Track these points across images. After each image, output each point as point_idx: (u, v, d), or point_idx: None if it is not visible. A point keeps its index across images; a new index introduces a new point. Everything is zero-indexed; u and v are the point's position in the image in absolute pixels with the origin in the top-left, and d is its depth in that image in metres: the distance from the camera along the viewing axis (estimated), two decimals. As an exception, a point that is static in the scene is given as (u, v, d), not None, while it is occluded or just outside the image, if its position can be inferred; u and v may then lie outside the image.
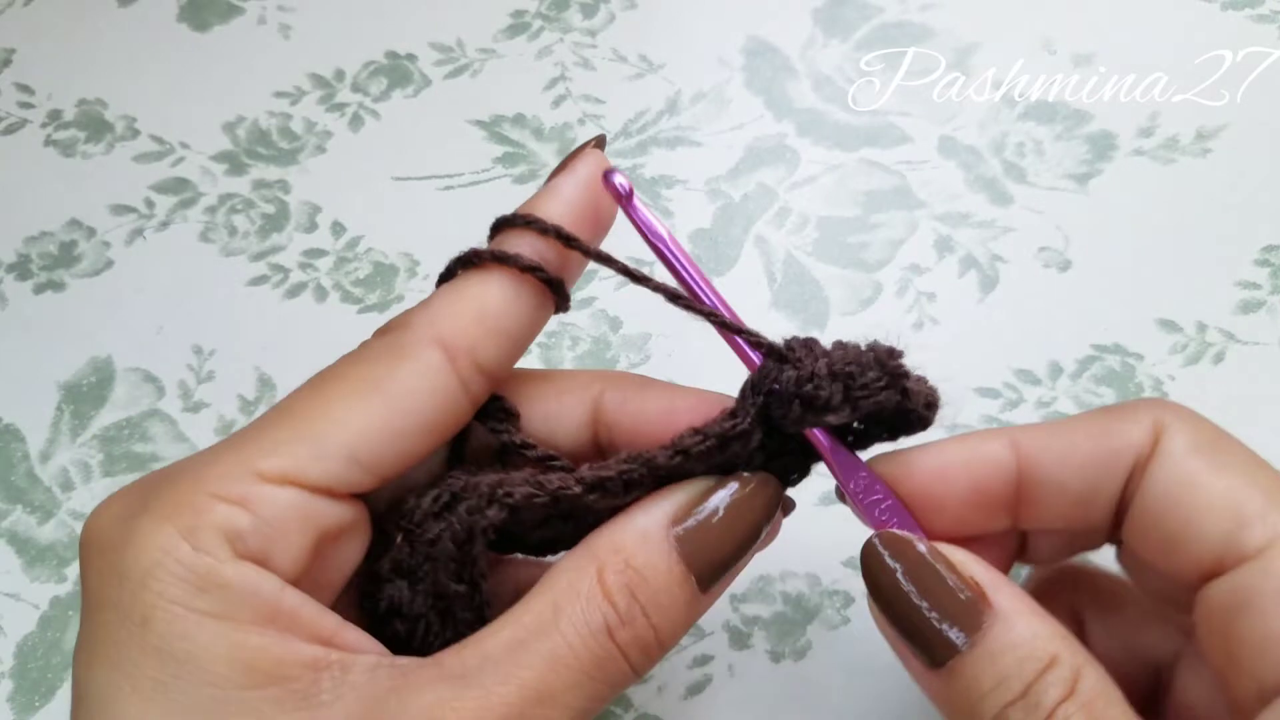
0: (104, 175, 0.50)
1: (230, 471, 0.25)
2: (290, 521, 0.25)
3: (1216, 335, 0.43)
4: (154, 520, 0.24)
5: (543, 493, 0.26)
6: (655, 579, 0.26)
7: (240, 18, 0.55)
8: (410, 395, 0.26)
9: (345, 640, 0.25)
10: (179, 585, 0.23)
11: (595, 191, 0.29)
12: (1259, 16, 0.51)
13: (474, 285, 0.28)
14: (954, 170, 0.48)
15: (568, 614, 0.25)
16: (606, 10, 0.54)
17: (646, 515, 0.27)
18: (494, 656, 0.24)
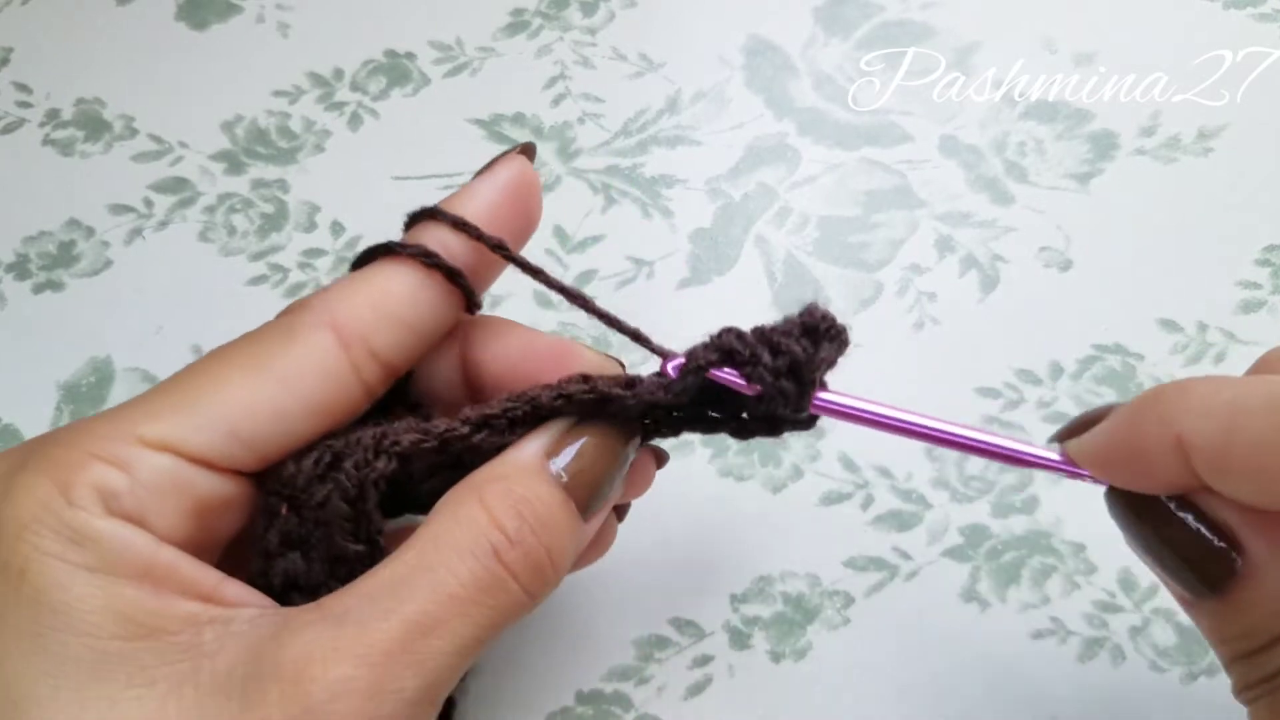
0: (102, 175, 0.50)
1: (111, 433, 0.25)
2: (165, 487, 0.25)
3: (1217, 335, 0.43)
4: (31, 475, 0.24)
5: (430, 437, 0.26)
6: (539, 502, 0.26)
7: (239, 16, 0.55)
8: (297, 376, 0.26)
9: (227, 595, 0.25)
10: (54, 538, 0.24)
11: (514, 194, 0.30)
12: (1260, 16, 0.51)
13: (376, 274, 0.28)
14: (955, 170, 0.48)
15: (448, 542, 0.25)
16: (606, 9, 0.54)
17: (522, 449, 0.27)
18: (374, 594, 0.24)
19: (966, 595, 0.38)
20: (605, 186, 0.48)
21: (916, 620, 0.38)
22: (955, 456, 0.41)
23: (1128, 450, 0.27)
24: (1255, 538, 0.25)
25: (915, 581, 0.38)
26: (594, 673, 0.37)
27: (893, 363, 0.43)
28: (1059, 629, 0.37)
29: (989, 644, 0.37)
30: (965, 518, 0.39)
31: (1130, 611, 0.37)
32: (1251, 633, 0.25)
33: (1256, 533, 0.26)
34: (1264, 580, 0.25)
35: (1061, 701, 0.36)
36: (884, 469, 0.40)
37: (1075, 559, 0.38)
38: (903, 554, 0.39)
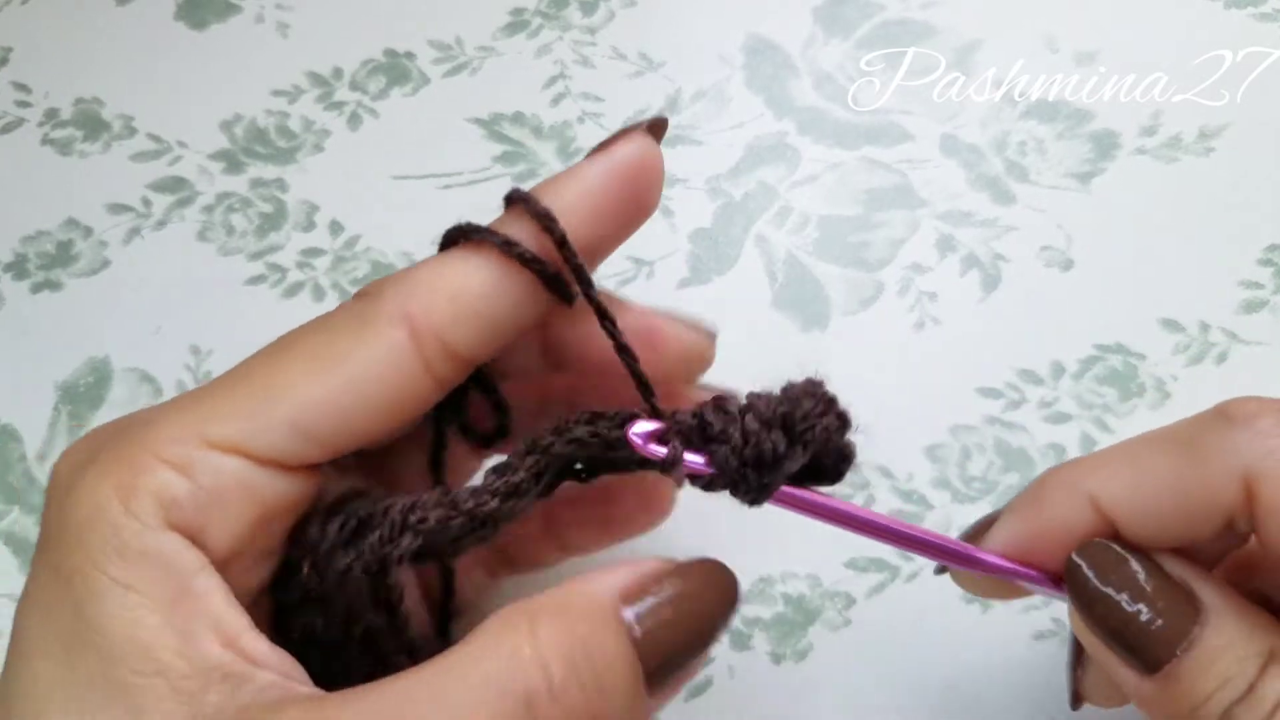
0: (101, 174, 0.50)
1: (177, 433, 0.24)
2: (231, 493, 0.24)
3: (1219, 335, 0.43)
4: (97, 473, 0.23)
5: (458, 513, 0.25)
6: (601, 654, 0.22)
7: (238, 16, 0.55)
8: (367, 372, 0.25)
9: (247, 647, 0.23)
10: (102, 547, 0.23)
11: (628, 180, 0.26)
12: (1261, 15, 0.51)
13: (456, 262, 0.26)
14: (956, 169, 0.48)
15: (482, 673, 0.21)
16: (606, 8, 0.54)
17: (597, 579, 0.23)
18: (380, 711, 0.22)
19: (968, 596, 0.38)
20: (605, 186, 0.48)
21: (918, 621, 0.37)
22: (957, 457, 0.40)
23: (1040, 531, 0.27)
24: (1206, 584, 0.25)
25: (916, 582, 0.38)
26: (594, 674, 0.37)
27: (893, 363, 0.43)
28: (1060, 630, 0.37)
29: (990, 645, 0.37)
30: (967, 518, 0.39)
31: (1132, 612, 0.37)
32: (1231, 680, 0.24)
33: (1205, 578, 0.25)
34: (1227, 625, 0.25)
35: (1063, 703, 0.36)
36: (885, 469, 0.40)
37: (1077, 559, 0.38)
38: (904, 555, 0.39)
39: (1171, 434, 0.27)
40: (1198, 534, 0.26)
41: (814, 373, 0.28)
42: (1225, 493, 0.25)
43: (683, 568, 0.24)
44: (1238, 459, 0.25)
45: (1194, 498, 0.25)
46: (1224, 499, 0.25)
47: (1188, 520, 0.26)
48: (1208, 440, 0.26)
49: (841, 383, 0.31)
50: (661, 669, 0.23)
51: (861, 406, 0.30)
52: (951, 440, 0.41)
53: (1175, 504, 0.26)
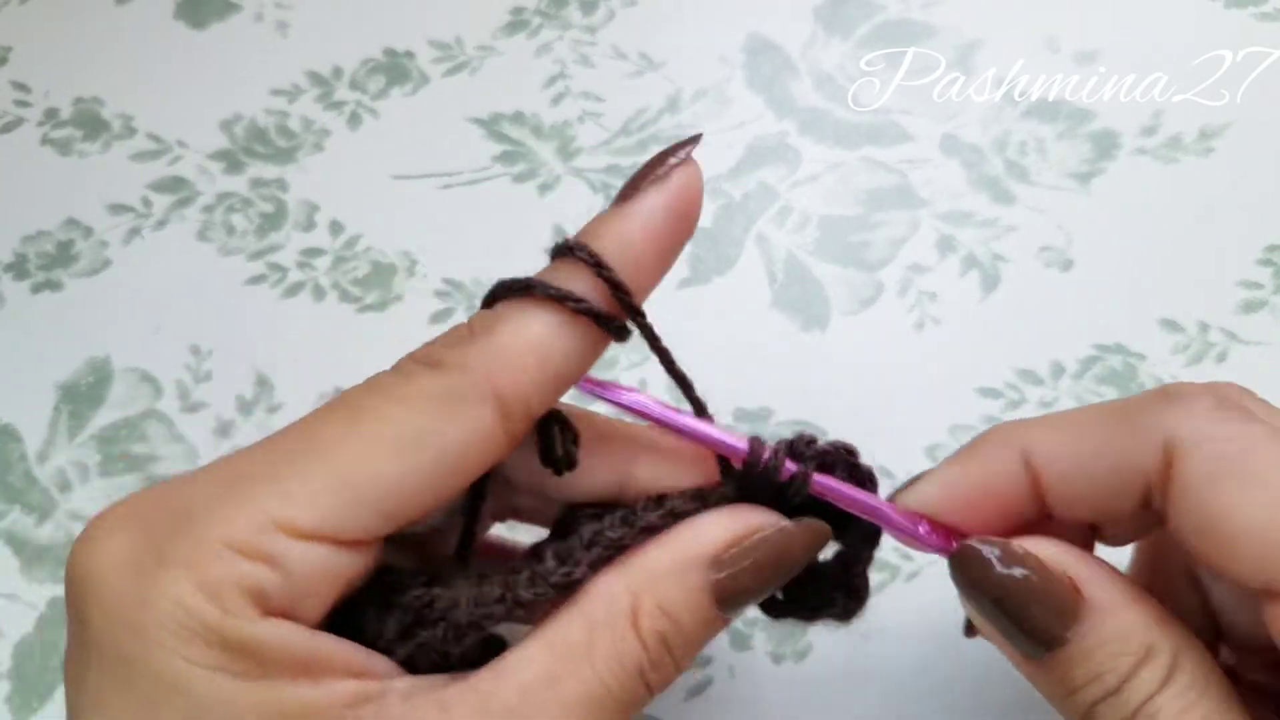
0: (101, 174, 0.50)
1: (253, 521, 0.23)
2: (316, 578, 0.23)
3: (1219, 335, 0.43)
4: (172, 575, 0.22)
5: (520, 606, 0.25)
6: (687, 623, 0.25)
7: (237, 15, 0.55)
8: (457, 453, 0.24)
9: (375, 668, 0.24)
10: (206, 649, 0.22)
11: (682, 210, 0.26)
12: (1261, 15, 0.51)
13: (534, 326, 0.25)
14: (956, 169, 0.48)
15: (602, 652, 0.24)
16: (606, 7, 0.54)
17: (686, 549, 0.26)
18: (532, 692, 0.24)
19: (967, 596, 0.38)
20: (605, 186, 0.48)
21: (918, 621, 0.37)
22: (956, 457, 0.41)
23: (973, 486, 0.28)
24: (1093, 578, 0.26)
25: (916, 582, 0.38)
26: (594, 674, 0.37)
27: (893, 363, 0.43)
28: (1060, 630, 0.37)
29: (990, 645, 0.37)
30: (966, 518, 0.39)
31: (1132, 612, 0.37)
32: (1101, 674, 0.25)
33: (1094, 572, 0.26)
34: (1107, 619, 0.25)
35: (1063, 702, 0.36)
36: (885, 469, 0.40)
37: (1076, 560, 0.38)
38: (904, 554, 0.39)
39: (1113, 405, 0.28)
40: (1117, 503, 0.27)
41: None
42: (1146, 460, 0.26)
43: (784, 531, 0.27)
44: (1163, 432, 0.25)
45: (1117, 463, 0.26)
46: (1144, 466, 0.26)
47: (1110, 487, 0.26)
48: (1143, 412, 0.26)
49: (841, 383, 0.31)
50: (736, 605, 0.26)
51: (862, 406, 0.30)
52: (951, 440, 0.41)
53: (1100, 468, 0.26)
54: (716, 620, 0.26)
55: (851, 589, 0.30)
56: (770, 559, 0.26)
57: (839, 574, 0.30)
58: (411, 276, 0.46)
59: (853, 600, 0.30)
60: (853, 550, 0.30)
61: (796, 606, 0.30)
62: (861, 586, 0.30)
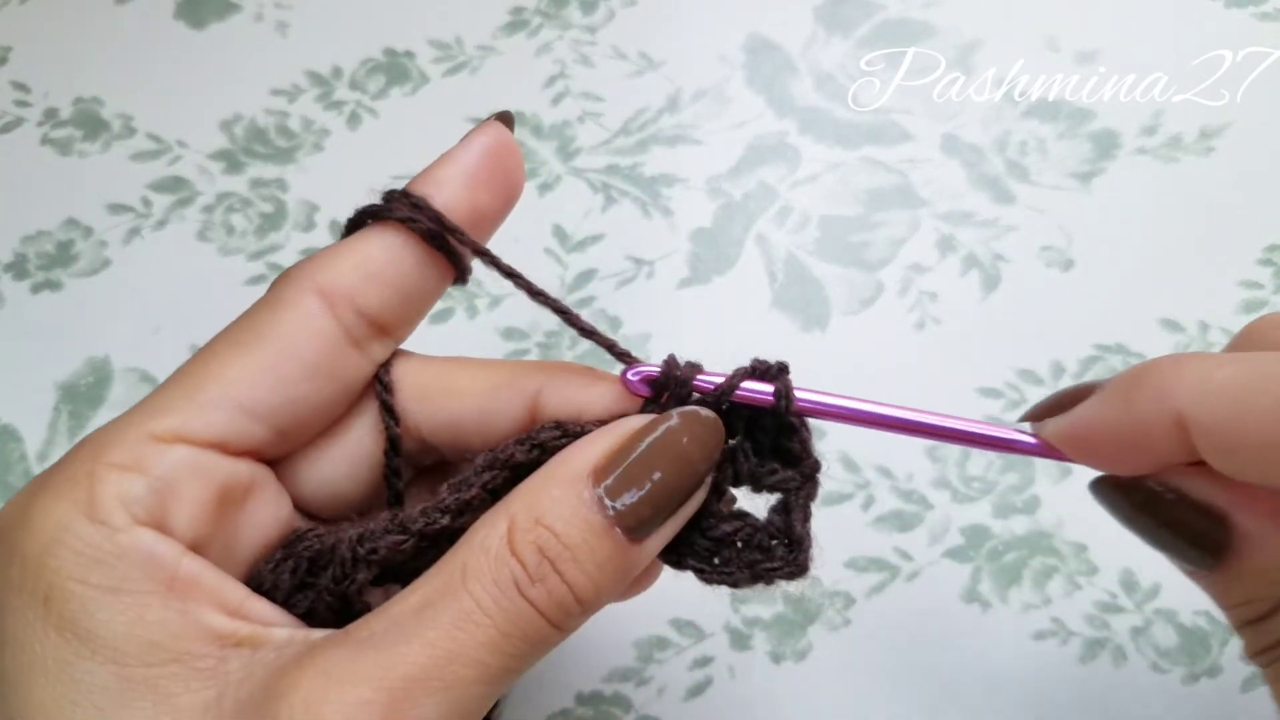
0: (101, 174, 0.50)
1: (123, 438, 0.25)
2: (184, 478, 0.25)
3: (1219, 335, 0.43)
4: (49, 497, 0.24)
5: (408, 535, 0.25)
6: (569, 534, 0.24)
7: (237, 15, 0.55)
8: (288, 340, 0.26)
9: (253, 611, 0.25)
10: (76, 560, 0.23)
11: (492, 160, 0.29)
12: (1261, 15, 0.51)
13: (356, 239, 0.28)
14: (956, 169, 0.48)
15: (474, 572, 0.24)
16: (606, 7, 0.54)
17: (564, 465, 0.25)
18: (400, 619, 0.24)
19: (968, 596, 0.38)
20: (605, 186, 0.48)
21: (917, 621, 0.37)
22: (956, 457, 0.40)
23: (1120, 431, 0.26)
24: (1245, 513, 0.26)
25: (916, 582, 0.38)
26: (594, 674, 0.37)
27: (894, 363, 0.43)
28: (1060, 630, 0.37)
29: (990, 645, 0.37)
30: (966, 518, 0.39)
31: (1132, 612, 0.37)
32: (1252, 600, 0.26)
33: (1245, 508, 0.26)
34: (1258, 552, 0.25)
35: (1063, 703, 0.36)
36: (885, 469, 0.40)
37: (1077, 559, 0.38)
38: (904, 554, 0.39)
39: None
40: None
41: None
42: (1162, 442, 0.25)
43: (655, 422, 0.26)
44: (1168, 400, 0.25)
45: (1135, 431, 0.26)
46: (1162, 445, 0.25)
47: None
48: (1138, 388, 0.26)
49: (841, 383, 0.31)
50: (640, 524, 0.25)
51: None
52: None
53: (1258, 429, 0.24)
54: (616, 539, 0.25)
55: (791, 536, 0.27)
56: (656, 456, 0.25)
57: (777, 523, 0.28)
58: (411, 276, 0.46)
59: (792, 550, 0.27)
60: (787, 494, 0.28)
61: (735, 566, 0.28)
62: (800, 533, 0.27)
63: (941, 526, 0.39)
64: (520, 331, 0.44)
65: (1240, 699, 0.36)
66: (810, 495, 0.28)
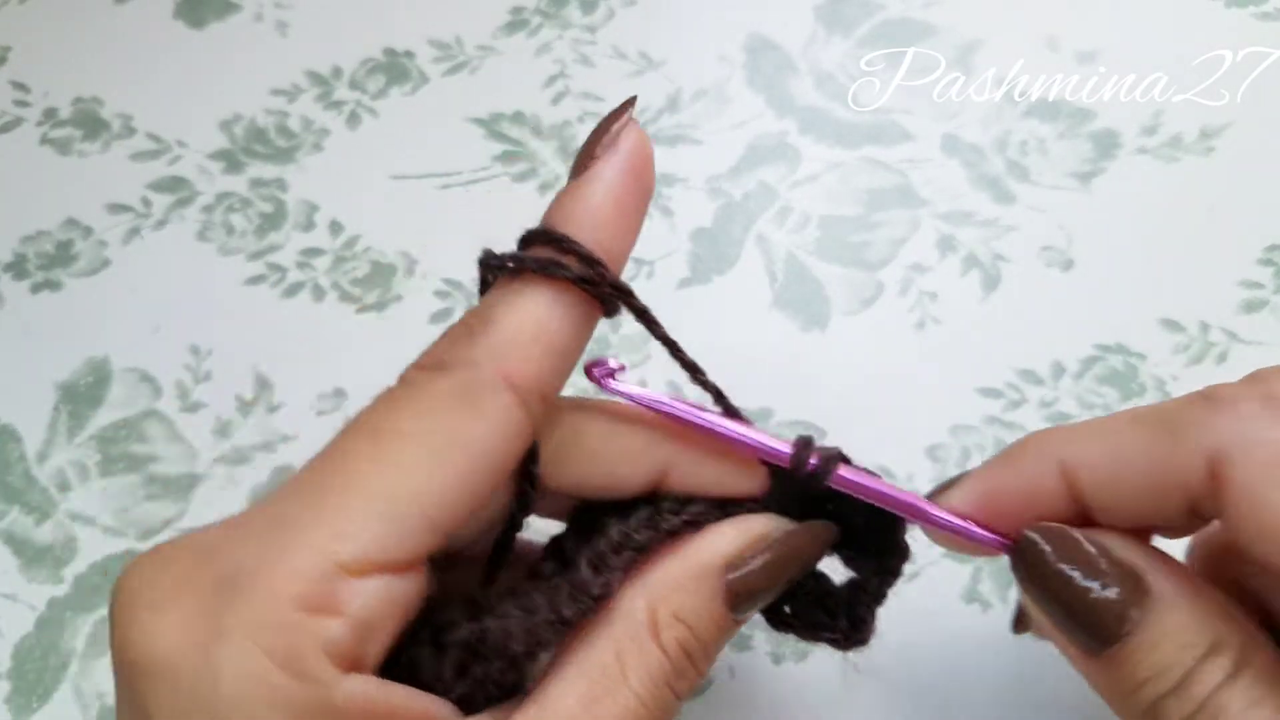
0: (100, 174, 0.50)
1: (310, 569, 0.22)
2: (380, 613, 0.22)
3: (1220, 335, 0.43)
4: (239, 646, 0.21)
5: (568, 625, 0.25)
6: (703, 630, 0.26)
7: (237, 15, 0.55)
8: (487, 448, 0.24)
9: (438, 715, 0.24)
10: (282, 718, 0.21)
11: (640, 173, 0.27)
12: (1261, 15, 0.51)
13: (529, 306, 0.25)
14: (956, 169, 0.48)
15: (633, 668, 0.25)
16: (606, 6, 0.54)
17: (700, 557, 0.27)
18: (575, 715, 0.24)
19: (968, 596, 0.38)
20: (605, 185, 0.48)
21: (918, 621, 0.37)
22: (956, 457, 0.40)
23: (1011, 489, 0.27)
24: (1155, 569, 0.25)
25: (917, 582, 0.38)
26: (594, 674, 0.37)
27: (894, 362, 0.43)
28: (1061, 630, 0.37)
29: (990, 645, 0.37)
30: (967, 518, 0.39)
31: (1132, 612, 0.37)
32: (1166, 669, 0.24)
33: (1155, 564, 0.25)
34: (1172, 612, 0.24)
35: (1063, 703, 0.36)
36: (885, 469, 0.40)
37: (1077, 560, 0.38)
38: (904, 555, 0.39)
39: (1153, 411, 0.26)
40: (1162, 513, 0.26)
41: None
42: (1192, 471, 0.25)
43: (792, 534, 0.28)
44: (1210, 439, 0.24)
45: (1161, 474, 0.25)
46: (1191, 478, 0.25)
47: (1153, 497, 0.26)
48: (1185, 419, 0.25)
49: (842, 383, 0.31)
50: (749, 606, 0.27)
51: (862, 406, 0.30)
52: (951, 440, 0.41)
53: (1143, 479, 0.26)
54: (730, 624, 0.27)
55: (855, 616, 0.30)
56: (779, 560, 0.27)
57: (848, 598, 0.30)
58: (411, 276, 0.46)
59: (854, 628, 0.30)
60: (865, 577, 0.30)
61: (799, 621, 0.30)
62: (865, 616, 0.30)
63: (942, 527, 0.39)
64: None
65: (1241, 699, 0.36)
66: (886, 584, 0.30)
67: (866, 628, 0.30)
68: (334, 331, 0.45)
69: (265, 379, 0.44)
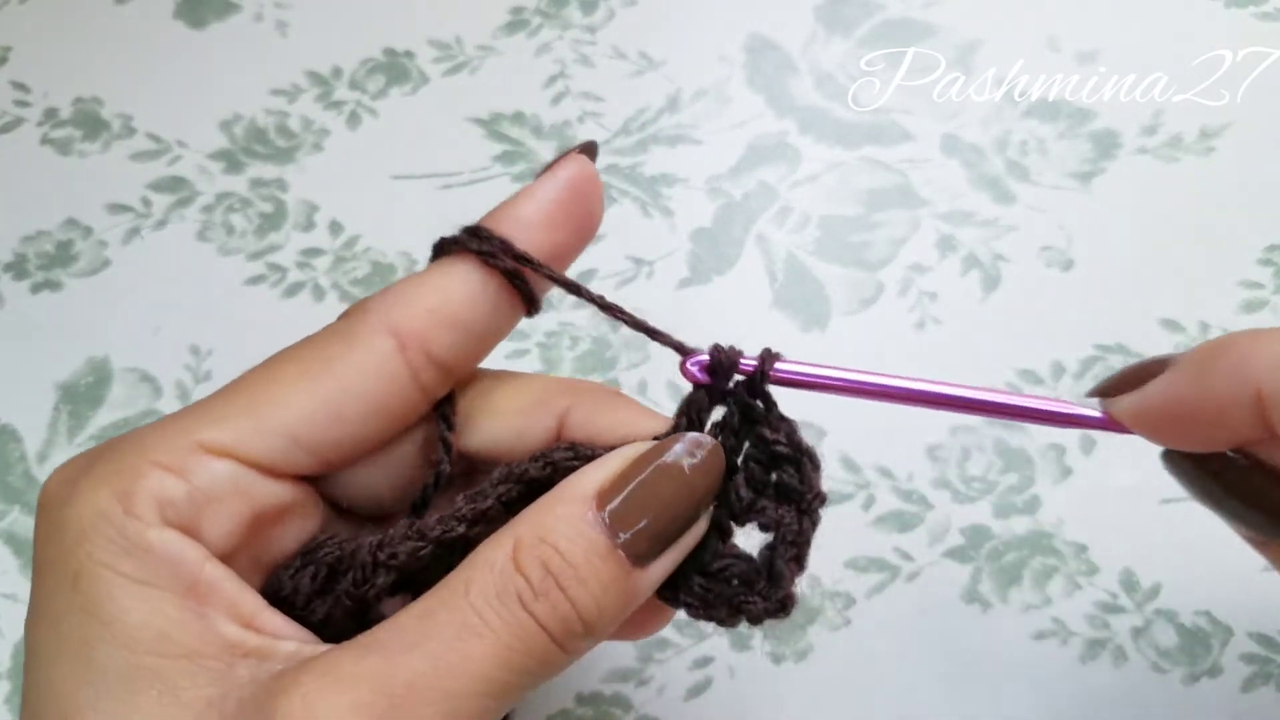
0: (100, 174, 0.50)
1: (172, 440, 0.25)
2: (224, 494, 0.25)
3: (1219, 335, 0.43)
4: (93, 482, 0.25)
5: (425, 542, 0.26)
6: (573, 553, 0.25)
7: (237, 15, 0.55)
8: (355, 380, 0.26)
9: (266, 623, 0.25)
10: (108, 547, 0.24)
11: (574, 194, 0.28)
12: (1261, 15, 0.51)
13: (436, 275, 0.28)
14: (956, 169, 0.48)
15: (478, 585, 0.24)
16: (606, 7, 0.54)
17: (571, 487, 0.26)
18: (404, 627, 0.24)
19: (968, 596, 0.38)
20: (605, 185, 0.48)
21: (918, 621, 0.37)
22: (957, 457, 0.40)
23: (1197, 408, 0.25)
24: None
25: (916, 582, 0.38)
26: (594, 674, 0.37)
27: (894, 362, 0.43)
28: (1060, 630, 0.37)
29: (990, 645, 0.37)
30: (967, 518, 0.39)
31: (1132, 612, 0.37)
32: None
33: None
34: None
35: (1063, 703, 0.36)
36: (885, 469, 0.40)
37: (1077, 559, 0.38)
38: (904, 555, 0.39)
39: None
40: None
41: None
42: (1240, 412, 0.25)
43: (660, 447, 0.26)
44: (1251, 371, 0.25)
45: None
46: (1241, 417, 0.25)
47: None
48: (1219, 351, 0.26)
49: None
50: (646, 548, 0.25)
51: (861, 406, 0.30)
52: (951, 440, 0.41)
53: None
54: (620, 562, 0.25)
55: (774, 572, 0.26)
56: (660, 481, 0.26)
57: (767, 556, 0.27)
58: (411, 276, 0.46)
59: (773, 584, 0.26)
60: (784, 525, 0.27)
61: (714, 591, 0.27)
62: (781, 569, 0.26)
63: (942, 526, 0.39)
64: (520, 332, 0.44)
65: (1241, 699, 0.36)
66: (801, 532, 0.27)
67: (783, 584, 0.26)
68: (334, 331, 0.45)
69: (265, 379, 0.44)
